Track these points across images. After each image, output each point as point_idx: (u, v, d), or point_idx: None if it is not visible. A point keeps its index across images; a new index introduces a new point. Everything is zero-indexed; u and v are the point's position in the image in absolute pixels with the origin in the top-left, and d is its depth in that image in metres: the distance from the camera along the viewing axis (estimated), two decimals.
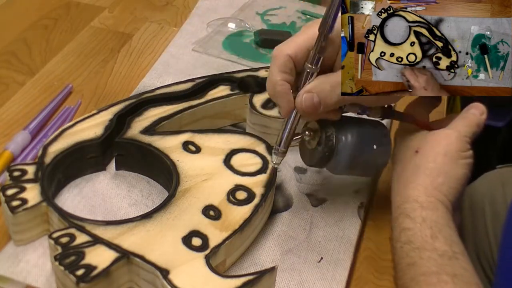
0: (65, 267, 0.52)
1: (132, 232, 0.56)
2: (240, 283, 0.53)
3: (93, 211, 0.63)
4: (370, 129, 0.62)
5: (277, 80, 0.57)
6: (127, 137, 0.67)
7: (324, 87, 0.57)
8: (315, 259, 0.61)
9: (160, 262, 0.54)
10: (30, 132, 0.71)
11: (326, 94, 0.57)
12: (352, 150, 0.60)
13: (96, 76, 0.83)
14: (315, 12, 0.99)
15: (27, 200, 0.58)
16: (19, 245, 0.59)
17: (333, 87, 0.57)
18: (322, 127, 0.61)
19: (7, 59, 0.85)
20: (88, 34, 0.91)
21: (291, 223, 0.65)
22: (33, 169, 0.61)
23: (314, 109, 0.57)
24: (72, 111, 0.76)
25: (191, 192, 0.61)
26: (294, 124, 0.59)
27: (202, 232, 0.57)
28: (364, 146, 0.61)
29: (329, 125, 0.61)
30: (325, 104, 0.57)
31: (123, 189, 0.66)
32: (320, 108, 0.57)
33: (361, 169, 0.64)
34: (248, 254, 0.61)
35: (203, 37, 0.91)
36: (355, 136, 0.61)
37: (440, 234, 0.52)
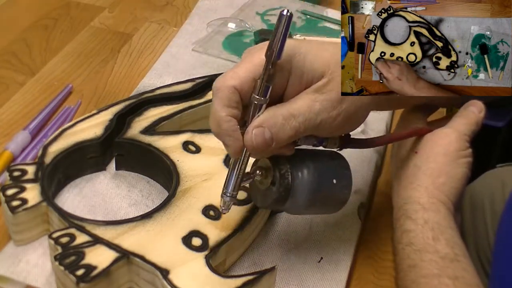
0: (65, 267, 0.52)
1: (132, 232, 0.56)
2: (240, 283, 0.53)
3: (93, 211, 0.63)
4: (328, 162, 0.56)
5: (222, 117, 0.50)
6: (127, 137, 0.67)
7: (276, 120, 0.50)
8: (315, 259, 0.61)
9: (160, 262, 0.54)
10: (30, 132, 0.71)
11: (279, 128, 0.50)
12: (310, 187, 0.54)
13: (96, 76, 0.83)
14: (315, 12, 0.99)
15: (27, 200, 0.58)
16: (19, 245, 0.59)
17: (286, 119, 0.51)
18: (274, 164, 0.54)
19: (7, 59, 0.85)
20: (88, 34, 0.91)
21: (291, 223, 0.65)
22: (33, 169, 0.61)
23: (266, 146, 0.50)
24: (72, 111, 0.76)
25: (191, 192, 0.61)
26: (243, 164, 0.53)
27: (202, 232, 0.57)
28: (323, 181, 0.55)
29: (283, 161, 0.54)
30: (277, 139, 0.51)
31: (123, 189, 0.66)
32: (272, 144, 0.51)
33: (320, 207, 0.57)
34: (248, 254, 0.61)
35: (203, 37, 0.91)
36: (312, 171, 0.54)
37: (442, 236, 0.52)
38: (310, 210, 0.58)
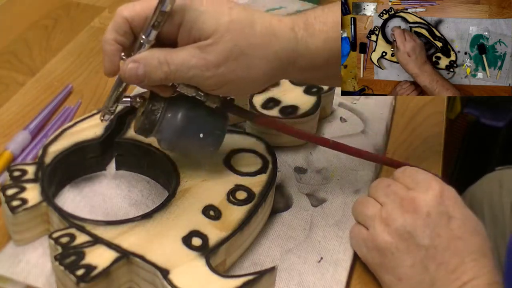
0: (65, 267, 0.52)
1: (132, 232, 0.57)
2: (240, 283, 0.53)
3: (93, 211, 0.63)
4: (205, 117, 0.59)
5: (108, 39, 0.55)
6: (127, 137, 0.67)
7: (152, 61, 0.53)
8: (315, 259, 0.61)
9: (160, 262, 0.54)
10: (30, 132, 0.71)
11: (152, 68, 0.53)
12: (174, 130, 0.58)
13: (96, 76, 0.83)
14: None
15: (27, 200, 0.58)
16: (19, 245, 0.59)
17: (160, 63, 0.53)
18: (152, 98, 0.58)
19: (7, 59, 0.85)
20: (88, 34, 0.91)
21: (291, 223, 0.65)
22: (33, 169, 0.61)
23: (138, 81, 0.54)
24: (72, 111, 0.76)
25: (191, 192, 0.61)
26: (121, 87, 0.57)
27: (202, 232, 0.57)
28: (189, 131, 0.59)
29: (160, 98, 0.58)
30: (150, 78, 0.54)
31: (123, 189, 0.66)
32: (144, 80, 0.54)
33: (184, 150, 0.62)
34: (248, 254, 0.61)
35: None
36: (181, 118, 0.58)
37: None
38: (174, 149, 0.62)
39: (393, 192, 0.57)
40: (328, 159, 0.72)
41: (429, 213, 0.54)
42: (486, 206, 0.78)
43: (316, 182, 0.69)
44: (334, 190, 0.68)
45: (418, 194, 0.56)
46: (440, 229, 0.54)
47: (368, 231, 0.58)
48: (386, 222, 0.56)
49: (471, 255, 0.54)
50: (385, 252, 0.56)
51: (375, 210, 0.58)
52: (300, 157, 0.72)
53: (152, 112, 0.58)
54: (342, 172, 0.71)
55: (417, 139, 0.77)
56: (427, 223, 0.54)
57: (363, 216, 0.59)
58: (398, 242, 0.55)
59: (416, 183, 0.57)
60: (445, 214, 0.55)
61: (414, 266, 0.54)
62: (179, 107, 0.58)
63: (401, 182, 0.58)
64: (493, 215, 0.77)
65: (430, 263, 0.54)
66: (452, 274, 0.53)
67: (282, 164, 0.71)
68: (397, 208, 0.56)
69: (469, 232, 0.55)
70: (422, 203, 0.55)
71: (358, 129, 0.77)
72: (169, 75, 0.54)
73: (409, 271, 0.55)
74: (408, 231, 0.55)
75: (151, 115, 0.58)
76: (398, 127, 0.79)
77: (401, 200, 0.56)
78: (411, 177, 0.58)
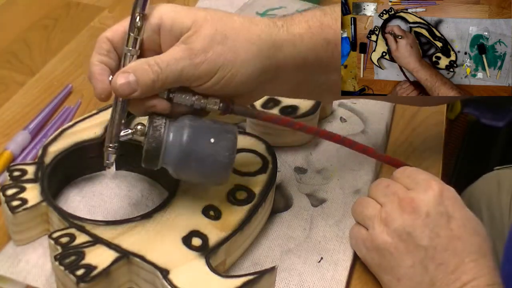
0: (65, 267, 0.52)
1: (132, 232, 0.57)
2: (240, 283, 0.53)
3: (93, 211, 0.63)
4: (209, 124, 0.56)
5: (92, 62, 0.55)
6: None
7: (141, 66, 0.53)
8: (315, 259, 0.61)
9: (160, 262, 0.54)
10: (30, 132, 0.71)
11: (142, 72, 0.53)
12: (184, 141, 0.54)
13: None
14: None
15: (27, 200, 0.58)
16: (19, 245, 0.59)
17: (150, 65, 0.53)
18: (151, 117, 0.55)
19: (7, 59, 0.85)
20: (88, 34, 0.91)
21: (291, 223, 0.65)
22: (33, 169, 0.61)
23: (130, 89, 0.53)
24: (72, 111, 0.76)
25: (191, 192, 0.61)
26: (120, 116, 0.55)
27: (202, 232, 0.57)
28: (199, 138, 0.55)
29: (160, 116, 0.55)
30: (141, 82, 0.53)
31: (123, 189, 0.66)
32: (137, 88, 0.53)
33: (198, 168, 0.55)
34: (248, 254, 0.61)
35: None
36: (188, 127, 0.55)
37: None
38: (188, 171, 0.56)
39: (393, 192, 0.57)
40: (328, 159, 0.72)
41: (429, 213, 0.54)
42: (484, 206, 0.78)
43: (316, 182, 0.69)
44: (334, 190, 0.68)
45: (418, 194, 0.56)
46: (440, 229, 0.54)
47: (368, 232, 0.58)
48: (385, 222, 0.56)
49: (471, 256, 0.53)
50: (385, 252, 0.56)
51: (375, 210, 0.58)
52: (300, 157, 0.72)
53: (155, 128, 0.54)
54: (342, 172, 0.71)
55: (417, 139, 0.77)
56: (426, 223, 0.54)
57: (362, 217, 0.59)
58: (397, 242, 0.55)
59: (416, 183, 0.57)
60: (445, 214, 0.54)
61: (413, 266, 0.54)
62: (181, 120, 0.55)
63: (400, 182, 0.58)
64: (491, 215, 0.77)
65: (430, 263, 0.54)
66: (451, 274, 0.53)
67: (282, 164, 0.71)
68: (396, 209, 0.56)
69: (469, 232, 0.55)
70: (421, 203, 0.55)
71: (358, 129, 0.77)
72: (160, 74, 0.53)
73: (409, 272, 0.54)
74: (408, 231, 0.55)
75: (155, 131, 0.54)
76: (398, 127, 0.79)
77: (400, 201, 0.56)
78: (411, 177, 0.58)
